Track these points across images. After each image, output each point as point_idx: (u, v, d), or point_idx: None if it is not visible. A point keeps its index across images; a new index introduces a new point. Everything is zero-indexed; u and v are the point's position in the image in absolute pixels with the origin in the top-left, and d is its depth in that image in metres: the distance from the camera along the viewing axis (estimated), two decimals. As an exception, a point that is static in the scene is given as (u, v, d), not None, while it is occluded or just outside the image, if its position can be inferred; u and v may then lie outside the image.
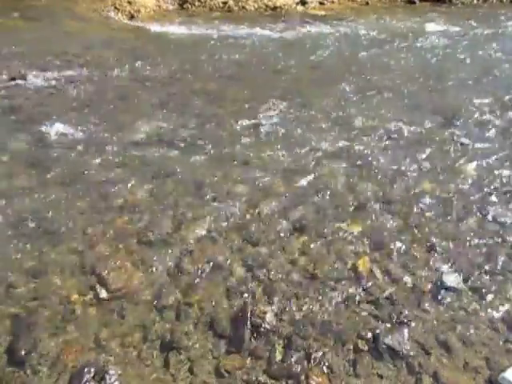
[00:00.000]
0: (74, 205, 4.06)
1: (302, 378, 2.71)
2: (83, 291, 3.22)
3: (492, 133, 5.47)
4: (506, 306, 3.19)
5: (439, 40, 8.97)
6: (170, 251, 3.58)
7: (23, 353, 2.79)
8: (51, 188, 4.27)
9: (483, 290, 3.31)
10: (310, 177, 4.55)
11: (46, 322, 2.98)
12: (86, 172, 4.52)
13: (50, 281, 3.28)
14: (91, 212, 3.99)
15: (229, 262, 3.51)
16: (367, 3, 11.70)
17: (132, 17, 9.90)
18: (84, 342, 2.87)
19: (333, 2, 11.62)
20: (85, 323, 2.99)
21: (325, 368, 2.77)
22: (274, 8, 11.07)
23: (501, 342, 2.94)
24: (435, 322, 3.07)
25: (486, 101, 6.26)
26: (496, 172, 4.71)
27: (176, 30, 9.24)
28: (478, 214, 4.09)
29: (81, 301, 3.15)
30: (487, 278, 3.43)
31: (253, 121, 5.56)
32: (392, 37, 9.15)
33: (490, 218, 4.05)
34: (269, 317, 3.02)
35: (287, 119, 5.67)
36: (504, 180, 4.58)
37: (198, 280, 3.34)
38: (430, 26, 9.85)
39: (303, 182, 4.48)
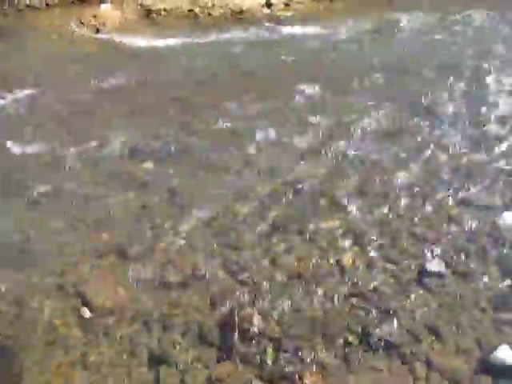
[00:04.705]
0: (49, 224, 3.97)
1: (296, 378, 2.67)
2: (66, 313, 3.14)
3: (465, 123, 5.52)
4: (490, 286, 3.22)
5: (415, 33, 8.91)
6: (151, 263, 3.52)
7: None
8: (24, 208, 4.17)
9: (467, 274, 3.33)
10: (288, 177, 4.53)
11: (30, 348, 2.89)
12: (58, 190, 4.42)
13: (30, 305, 3.19)
14: (68, 230, 3.90)
15: (211, 268, 3.47)
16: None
17: (98, 30, 9.77)
18: (71, 364, 2.79)
19: (299, 3, 11.65)
20: (70, 345, 2.91)
21: (318, 366, 2.74)
22: (241, 12, 11.04)
23: (489, 323, 2.96)
24: (423, 309, 3.07)
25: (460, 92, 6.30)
26: (471, 157, 4.74)
27: (143, 40, 9.15)
28: (457, 199, 4.12)
29: (64, 323, 3.07)
30: (469, 261, 3.45)
31: (227, 125, 5.53)
32: (363, 33, 9.10)
33: (469, 202, 4.08)
34: (256, 320, 2.99)
35: (261, 121, 5.64)
36: (479, 164, 4.62)
37: (181, 290, 3.29)
38: (406, 20, 9.68)
39: (281, 182, 4.45)
